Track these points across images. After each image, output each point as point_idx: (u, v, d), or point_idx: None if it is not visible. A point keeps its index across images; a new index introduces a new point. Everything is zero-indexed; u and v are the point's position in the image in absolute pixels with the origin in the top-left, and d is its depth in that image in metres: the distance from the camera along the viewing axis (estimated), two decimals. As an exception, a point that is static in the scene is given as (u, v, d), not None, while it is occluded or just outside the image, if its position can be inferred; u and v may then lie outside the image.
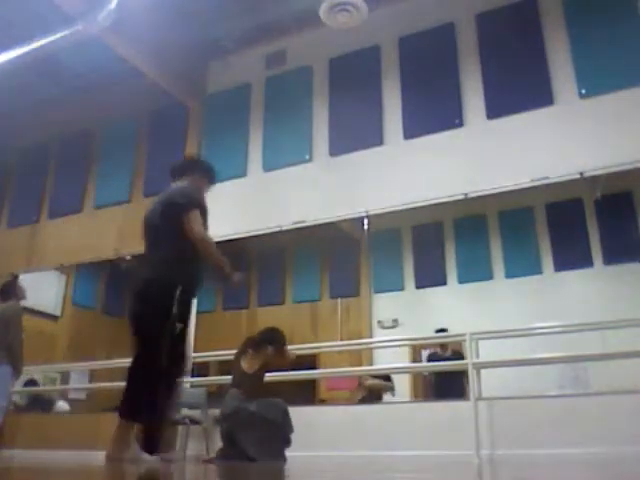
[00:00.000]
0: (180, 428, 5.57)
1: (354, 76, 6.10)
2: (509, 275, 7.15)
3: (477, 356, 4.80)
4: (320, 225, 5.86)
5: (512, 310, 6.35)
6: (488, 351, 5.27)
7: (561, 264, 6.87)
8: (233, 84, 6.82)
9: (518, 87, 5.28)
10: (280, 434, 3.87)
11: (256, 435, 3.78)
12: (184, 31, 6.52)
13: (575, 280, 6.79)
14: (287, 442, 3.92)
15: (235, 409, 3.86)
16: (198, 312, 6.20)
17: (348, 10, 5.45)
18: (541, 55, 5.25)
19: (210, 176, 3.84)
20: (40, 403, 7.15)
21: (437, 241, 7.66)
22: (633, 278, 6.24)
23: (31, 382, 7.05)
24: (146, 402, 3.10)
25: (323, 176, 5.93)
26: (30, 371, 6.72)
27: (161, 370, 3.13)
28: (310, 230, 6.01)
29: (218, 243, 6.27)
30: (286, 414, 3.95)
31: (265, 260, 8.78)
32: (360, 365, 6.91)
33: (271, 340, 4.18)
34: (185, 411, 5.50)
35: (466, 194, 5.26)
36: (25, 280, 7.43)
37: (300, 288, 8.48)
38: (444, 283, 7.49)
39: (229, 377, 4.89)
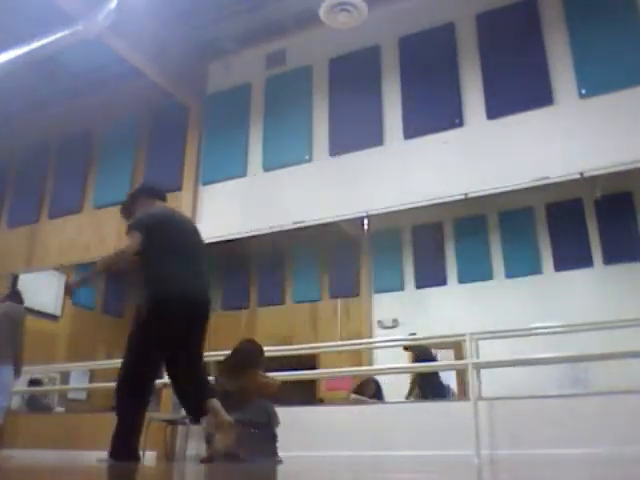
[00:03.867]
0: (180, 428, 5.57)
1: (354, 76, 6.10)
2: (509, 275, 7.15)
3: (477, 356, 4.80)
4: (320, 225, 5.86)
5: (512, 310, 6.35)
6: (488, 351, 5.28)
7: (561, 264, 6.87)
8: (233, 84, 6.82)
9: (518, 87, 5.27)
10: (268, 433, 3.86)
11: (245, 442, 3.76)
12: (184, 31, 6.52)
13: (575, 280, 6.79)
14: (274, 437, 3.89)
15: None
16: (198, 312, 6.20)
17: (348, 10, 5.44)
18: (541, 55, 5.25)
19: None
20: (38, 404, 7.14)
21: (437, 241, 7.66)
22: (633, 278, 6.24)
23: (34, 382, 7.05)
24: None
25: (323, 176, 5.93)
26: (32, 371, 6.73)
27: None
28: (310, 230, 6.01)
29: (218, 243, 6.38)
30: (270, 413, 3.92)
31: (265, 260, 8.78)
32: (360, 365, 6.92)
33: (248, 363, 4.10)
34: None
35: (466, 194, 5.26)
36: (25, 280, 7.45)
37: (300, 288, 8.48)
38: (444, 283, 7.48)
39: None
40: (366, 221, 6.03)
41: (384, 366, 6.46)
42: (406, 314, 7.48)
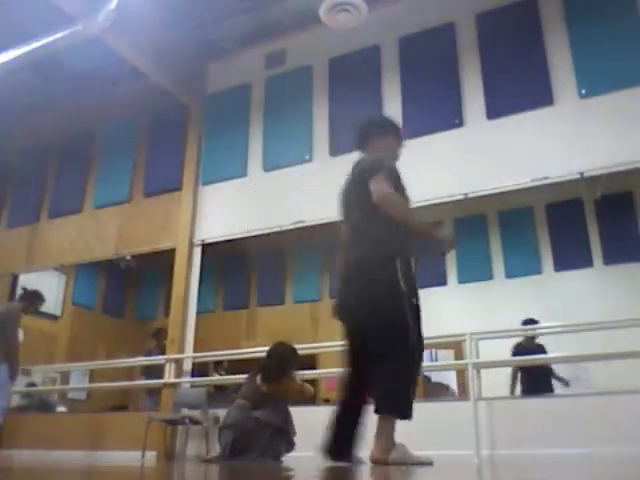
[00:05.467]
0: (180, 428, 5.58)
1: (354, 76, 6.10)
2: (509, 275, 7.16)
3: (477, 356, 4.80)
4: (320, 225, 5.86)
5: (512, 310, 6.35)
6: (488, 351, 5.27)
7: (561, 264, 6.87)
8: (233, 84, 6.82)
9: (518, 87, 5.27)
10: (283, 437, 3.89)
11: (260, 440, 3.79)
12: (184, 31, 6.52)
13: (575, 280, 6.79)
14: (291, 444, 3.93)
15: (239, 420, 3.86)
16: (198, 312, 6.21)
17: (348, 10, 5.44)
18: (541, 55, 5.25)
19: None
20: (40, 404, 7.15)
21: (437, 241, 7.64)
22: (633, 278, 6.24)
23: (31, 384, 7.05)
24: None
25: (323, 176, 5.92)
26: (30, 372, 6.73)
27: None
28: (310, 230, 6.01)
29: (218, 243, 6.37)
30: (288, 418, 3.96)
31: (265, 260, 8.78)
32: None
33: (286, 366, 4.14)
34: (185, 411, 5.50)
35: (466, 194, 5.26)
36: (25, 280, 7.46)
37: (300, 288, 8.48)
38: (444, 283, 7.49)
39: (229, 377, 4.85)
40: (366, 221, 6.03)
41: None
42: (406, 314, 7.46)
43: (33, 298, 5.75)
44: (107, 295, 9.48)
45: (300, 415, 4.12)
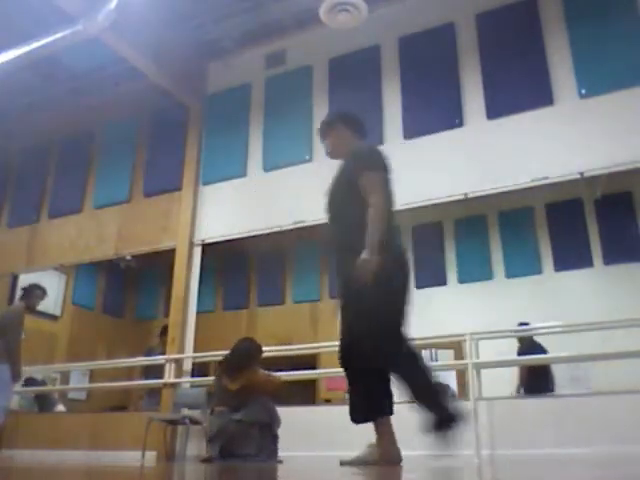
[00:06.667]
0: (180, 428, 5.57)
1: (354, 76, 6.10)
2: (509, 275, 7.16)
3: (477, 356, 4.79)
4: (320, 225, 5.85)
5: (512, 310, 6.35)
6: (489, 351, 5.27)
7: (561, 264, 6.87)
8: (233, 84, 6.82)
9: (518, 87, 5.27)
10: (270, 433, 3.89)
11: (250, 440, 3.79)
12: (184, 31, 6.53)
13: (575, 280, 6.79)
14: (275, 437, 3.92)
15: (222, 426, 3.86)
16: (198, 312, 6.21)
17: (348, 10, 5.44)
18: (541, 55, 5.25)
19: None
20: (40, 403, 7.14)
21: (437, 241, 7.66)
22: (633, 278, 6.24)
23: (31, 381, 7.04)
24: None
25: (323, 176, 5.91)
26: (29, 371, 6.72)
27: None
28: (310, 230, 6.01)
29: (218, 243, 6.38)
30: (272, 412, 3.95)
31: (265, 260, 8.79)
32: (360, 365, 6.90)
33: (250, 361, 4.13)
34: (185, 411, 5.50)
35: (466, 194, 5.26)
36: (25, 280, 7.46)
37: (300, 288, 8.48)
38: (444, 283, 7.49)
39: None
40: (366, 221, 6.04)
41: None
42: (406, 314, 7.46)
43: (31, 291, 5.75)
44: (107, 295, 9.48)
45: (300, 415, 4.12)
